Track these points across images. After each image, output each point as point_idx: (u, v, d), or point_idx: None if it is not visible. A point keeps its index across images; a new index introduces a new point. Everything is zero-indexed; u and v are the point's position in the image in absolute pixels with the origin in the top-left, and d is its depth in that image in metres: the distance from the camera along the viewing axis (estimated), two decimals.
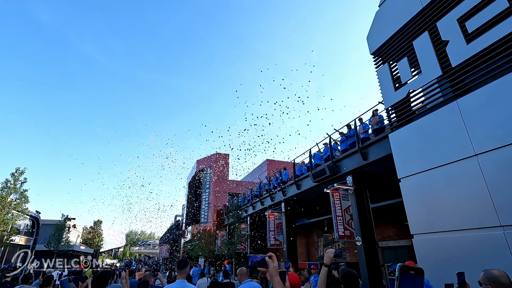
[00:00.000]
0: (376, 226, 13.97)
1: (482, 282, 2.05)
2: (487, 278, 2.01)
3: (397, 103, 7.41)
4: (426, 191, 6.31)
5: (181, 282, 3.04)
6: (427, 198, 6.29)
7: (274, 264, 1.51)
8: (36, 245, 22.70)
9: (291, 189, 13.30)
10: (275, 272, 1.51)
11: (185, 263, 3.20)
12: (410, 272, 1.14)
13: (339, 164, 10.16)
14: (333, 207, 8.85)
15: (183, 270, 3.17)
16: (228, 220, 22.57)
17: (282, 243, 13.26)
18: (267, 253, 1.65)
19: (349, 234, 8.65)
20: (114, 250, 79.45)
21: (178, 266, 3.22)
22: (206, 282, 9.30)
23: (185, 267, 3.18)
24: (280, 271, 2.81)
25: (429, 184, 6.23)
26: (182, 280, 3.06)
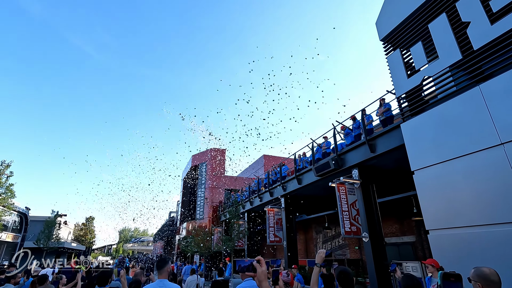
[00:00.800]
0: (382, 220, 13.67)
1: (472, 279, 2.08)
2: (477, 275, 2.04)
3: (410, 91, 6.97)
4: (444, 184, 5.90)
5: (160, 281, 3.02)
6: (444, 191, 5.88)
7: (262, 269, 1.50)
8: (24, 242, 21.90)
9: (291, 184, 12.85)
10: (264, 277, 1.49)
11: (163, 263, 3.15)
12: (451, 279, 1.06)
13: (344, 157, 9.72)
14: (339, 201, 8.41)
15: (163, 270, 3.12)
16: (225, 216, 22.09)
17: (282, 240, 12.83)
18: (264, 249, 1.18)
19: (355, 230, 8.23)
20: (107, 247, 78.42)
21: (157, 266, 3.19)
22: (195, 279, 8.94)
23: (164, 266, 3.13)
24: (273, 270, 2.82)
25: (447, 176, 5.81)
26: (161, 280, 3.04)
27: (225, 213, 22.01)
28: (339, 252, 15.83)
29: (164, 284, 3.00)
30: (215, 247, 18.16)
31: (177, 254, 29.18)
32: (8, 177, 13.04)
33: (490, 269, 2.05)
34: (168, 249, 38.41)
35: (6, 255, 20.58)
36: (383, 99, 8.54)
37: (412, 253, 11.57)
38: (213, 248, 18.47)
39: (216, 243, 19.22)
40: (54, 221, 23.01)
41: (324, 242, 17.33)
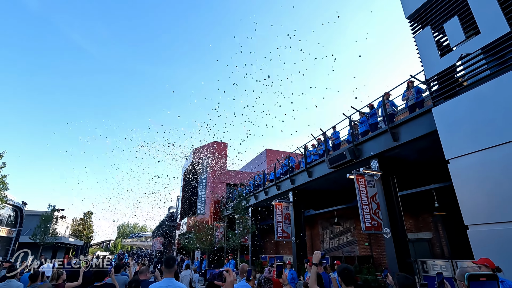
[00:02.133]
0: None
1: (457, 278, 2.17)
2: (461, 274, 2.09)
3: (443, 72, 6.27)
4: (484, 174, 5.25)
5: (168, 280, 2.94)
6: (484, 182, 5.23)
7: (231, 279, 1.64)
8: (20, 237, 21.20)
9: (301, 177, 12.18)
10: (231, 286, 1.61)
11: (173, 261, 3.10)
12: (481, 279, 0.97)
13: (361, 147, 9.05)
14: (359, 194, 7.76)
15: (172, 269, 3.04)
16: (227, 211, 21.45)
17: (291, 235, 12.20)
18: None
19: (376, 225, 7.59)
20: (105, 243, 77.91)
21: (165, 264, 3.09)
22: (189, 274, 8.71)
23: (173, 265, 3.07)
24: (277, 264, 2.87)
25: (489, 165, 5.16)
26: (169, 278, 2.96)
27: (228, 208, 21.39)
28: (347, 248, 15.23)
29: (172, 283, 2.92)
30: (219, 243, 17.57)
31: (177, 250, 28.60)
32: (0, 168, 12.31)
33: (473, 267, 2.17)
34: (168, 245, 37.85)
35: (1, 250, 19.91)
36: (411, 81, 7.83)
37: (428, 251, 10.97)
38: (217, 244, 17.86)
39: (219, 239, 18.62)
40: (50, 215, 22.27)
41: (331, 238, 16.73)
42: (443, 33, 6.53)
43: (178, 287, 2.96)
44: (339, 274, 2.52)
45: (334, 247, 16.31)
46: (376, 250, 13.44)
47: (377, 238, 13.47)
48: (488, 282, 1.01)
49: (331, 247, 16.58)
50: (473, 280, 1.02)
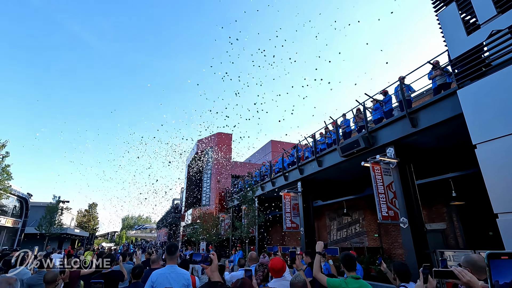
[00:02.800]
0: None
1: (462, 265, 2.17)
2: (466, 261, 2.17)
3: (471, 50, 5.84)
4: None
5: (170, 267, 3.03)
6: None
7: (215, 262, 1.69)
8: (25, 228, 21.23)
9: (310, 167, 11.86)
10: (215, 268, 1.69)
11: (175, 248, 3.13)
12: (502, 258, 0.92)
13: (376, 134, 8.68)
14: (375, 183, 7.43)
15: (174, 256, 3.08)
16: (233, 202, 21.27)
17: (299, 226, 11.95)
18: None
19: (393, 214, 7.28)
20: (110, 234, 78.70)
21: (168, 251, 3.14)
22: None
23: (175, 252, 3.11)
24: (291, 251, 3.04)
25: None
26: (172, 265, 3.04)
27: (233, 199, 21.20)
28: (355, 239, 15.00)
29: (174, 270, 2.99)
30: (225, 233, 17.41)
31: (182, 241, 28.64)
32: (3, 157, 12.11)
33: (478, 255, 2.18)
34: (173, 236, 37.99)
35: (7, 240, 19.95)
36: (436, 61, 7.39)
37: (442, 242, 10.68)
38: (223, 235, 17.72)
39: (225, 230, 18.48)
40: (56, 206, 22.26)
41: (339, 229, 16.49)
42: (470, 9, 6.08)
43: (180, 273, 3.01)
44: (341, 260, 2.74)
45: (342, 238, 16.09)
46: (386, 241, 13.18)
47: (387, 229, 13.20)
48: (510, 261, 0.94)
49: (338, 238, 16.36)
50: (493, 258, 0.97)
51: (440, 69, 7.48)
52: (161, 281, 2.90)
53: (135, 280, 3.69)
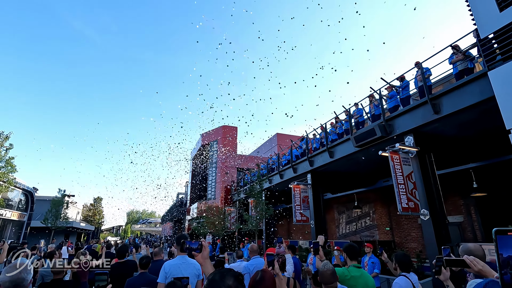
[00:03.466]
0: None
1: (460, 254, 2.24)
2: (463, 250, 2.23)
3: (504, 28, 5.38)
4: None
5: (181, 257, 3.15)
6: None
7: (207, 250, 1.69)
8: (31, 221, 21.20)
9: (320, 158, 11.47)
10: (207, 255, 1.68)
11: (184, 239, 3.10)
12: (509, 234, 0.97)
13: (393, 123, 8.25)
14: (394, 173, 7.04)
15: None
16: (239, 196, 21.01)
17: (309, 219, 11.63)
18: None
19: (413, 206, 6.90)
20: (115, 228, 79.32)
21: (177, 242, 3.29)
22: None
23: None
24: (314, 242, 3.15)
25: None
26: (183, 256, 3.14)
27: (239, 192, 20.93)
28: (365, 233, 14.67)
29: (186, 260, 3.10)
30: (232, 227, 17.17)
31: (188, 235, 28.53)
32: (7, 149, 11.88)
33: (475, 244, 2.25)
34: (178, 230, 37.99)
35: (14, 234, 19.94)
36: (456, 45, 6.93)
37: (459, 235, 10.29)
38: (230, 228, 17.50)
39: (231, 223, 18.26)
40: (61, 200, 22.18)
41: (348, 223, 16.17)
42: None
43: (191, 263, 3.10)
44: (344, 250, 2.90)
45: (351, 232, 15.77)
46: (398, 234, 12.83)
47: (399, 222, 12.85)
48: None
49: (347, 232, 16.04)
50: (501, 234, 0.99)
51: (462, 53, 7.02)
52: (174, 271, 3.06)
53: (143, 270, 3.82)
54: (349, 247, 2.96)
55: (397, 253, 3.19)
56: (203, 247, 1.66)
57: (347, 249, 2.93)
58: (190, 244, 1.67)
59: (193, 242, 1.67)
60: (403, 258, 3.03)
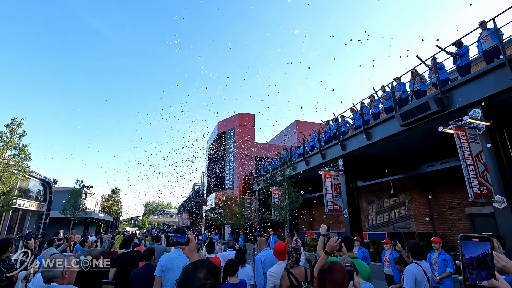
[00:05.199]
0: (461, 187, 10.99)
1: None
2: None
3: None
4: None
5: (178, 251, 3.15)
6: None
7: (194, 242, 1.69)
8: (50, 212, 21.12)
9: (354, 141, 10.29)
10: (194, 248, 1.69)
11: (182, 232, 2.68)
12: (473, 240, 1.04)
13: (451, 94, 6.96)
14: (461, 152, 5.82)
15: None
16: (258, 185, 20.12)
17: (342, 208, 10.54)
18: None
19: (486, 192, 5.70)
20: (133, 219, 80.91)
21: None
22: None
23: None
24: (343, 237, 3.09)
25: None
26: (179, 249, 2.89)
27: (259, 181, 20.02)
28: (400, 224, 13.45)
29: (182, 253, 3.00)
30: (254, 217, 16.36)
31: (205, 225, 28.09)
32: (20, 136, 11.35)
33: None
34: (194, 221, 37.77)
35: (34, 224, 19.91)
36: (482, 21, 5.53)
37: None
38: (252, 218, 16.69)
39: (252, 213, 17.43)
40: (79, 190, 21.99)
41: (379, 213, 14.96)
42: None
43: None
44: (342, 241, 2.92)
45: (383, 223, 14.58)
46: (440, 226, 11.57)
47: (442, 212, 11.56)
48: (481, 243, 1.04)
49: (378, 223, 14.86)
50: (465, 239, 1.08)
51: None
52: (170, 264, 3.11)
53: (147, 261, 3.81)
54: (346, 238, 3.09)
55: (409, 241, 3.41)
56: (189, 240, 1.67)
57: (345, 241, 3.01)
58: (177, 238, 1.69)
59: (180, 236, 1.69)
60: (415, 247, 3.24)
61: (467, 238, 1.07)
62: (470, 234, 1.08)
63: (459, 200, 10.90)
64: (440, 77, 7.59)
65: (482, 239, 1.05)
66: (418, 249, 3.22)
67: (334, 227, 18.40)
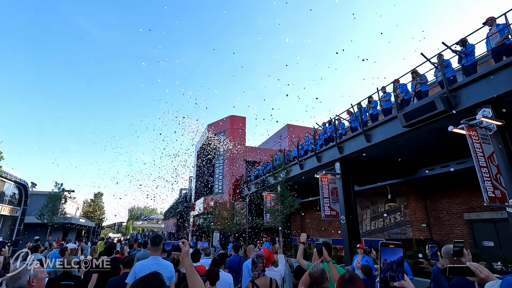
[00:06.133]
0: (460, 191, 10.77)
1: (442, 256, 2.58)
2: (445, 252, 2.50)
3: None
4: None
5: (154, 258, 3.06)
6: None
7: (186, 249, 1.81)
8: (25, 217, 19.66)
9: (353, 144, 9.89)
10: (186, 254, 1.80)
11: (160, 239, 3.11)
12: (390, 246, 1.21)
13: (457, 94, 6.65)
14: (474, 153, 5.46)
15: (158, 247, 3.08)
16: (249, 190, 19.51)
17: (339, 214, 10.07)
18: None
19: (500, 195, 5.33)
20: (117, 224, 78.17)
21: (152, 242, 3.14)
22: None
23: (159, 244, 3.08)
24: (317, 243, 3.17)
25: None
26: (156, 257, 3.06)
27: (250, 186, 19.42)
28: (396, 230, 13.13)
29: (158, 261, 3.02)
30: (245, 222, 15.73)
31: (192, 231, 27.13)
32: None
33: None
34: (181, 226, 36.58)
35: (6, 230, 18.46)
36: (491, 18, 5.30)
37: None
38: (243, 224, 16.04)
39: (242, 218, 16.77)
40: (59, 194, 20.70)
41: (373, 219, 14.62)
42: None
43: (164, 265, 3.03)
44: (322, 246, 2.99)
45: (377, 229, 14.24)
46: (437, 232, 11.29)
47: (439, 218, 11.30)
48: (396, 249, 1.18)
49: (373, 229, 14.51)
50: (384, 246, 1.20)
51: None
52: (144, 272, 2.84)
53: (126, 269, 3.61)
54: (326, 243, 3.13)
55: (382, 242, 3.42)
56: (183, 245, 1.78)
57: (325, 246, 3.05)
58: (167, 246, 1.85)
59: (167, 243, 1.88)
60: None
61: (386, 244, 1.20)
62: (388, 241, 1.20)
63: (457, 206, 10.66)
64: (446, 75, 7.32)
65: (397, 246, 1.19)
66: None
67: (326, 233, 17.96)
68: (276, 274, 3.30)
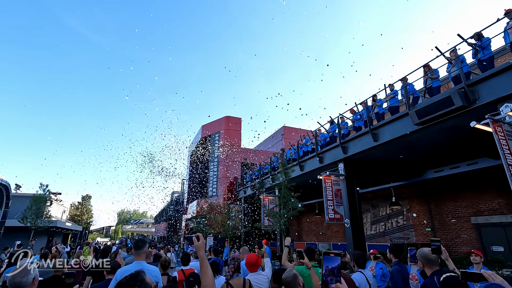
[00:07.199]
0: (466, 194, 10.41)
1: (418, 259, 2.55)
2: (420, 255, 2.50)
3: None
4: None
5: (138, 263, 2.90)
6: None
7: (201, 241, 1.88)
8: (6, 220, 18.48)
9: (358, 144, 9.43)
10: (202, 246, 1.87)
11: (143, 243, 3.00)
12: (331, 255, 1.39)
13: (476, 88, 6.25)
14: (501, 151, 5.01)
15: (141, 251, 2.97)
16: (245, 193, 18.87)
17: (344, 217, 9.55)
18: None
19: None
20: (105, 229, 76.09)
21: (135, 247, 3.03)
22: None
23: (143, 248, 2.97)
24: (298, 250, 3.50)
25: None
26: (139, 262, 2.92)
27: (246, 188, 18.79)
28: (398, 234, 12.69)
29: (142, 266, 2.86)
30: (240, 226, 15.08)
31: (184, 235, 26.23)
32: None
33: (429, 249, 2.42)
34: (173, 230, 35.54)
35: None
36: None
37: None
38: (239, 229, 15.39)
39: (237, 222, 16.12)
40: (43, 196, 19.63)
41: (374, 223, 14.18)
42: None
43: (148, 270, 2.83)
44: (304, 251, 3.06)
45: (379, 233, 13.78)
46: (442, 236, 10.87)
47: (445, 222, 10.90)
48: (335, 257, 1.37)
49: (374, 233, 14.05)
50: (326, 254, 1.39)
51: None
52: None
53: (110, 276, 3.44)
54: (308, 249, 3.17)
55: (354, 252, 3.92)
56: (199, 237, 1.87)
57: (307, 252, 3.06)
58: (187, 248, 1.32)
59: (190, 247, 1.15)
60: (358, 256, 3.71)
61: (327, 253, 1.43)
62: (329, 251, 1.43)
63: (464, 209, 10.28)
64: (464, 69, 6.92)
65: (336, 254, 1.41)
66: (362, 258, 3.69)
67: (324, 237, 17.45)
68: (264, 278, 3.37)
